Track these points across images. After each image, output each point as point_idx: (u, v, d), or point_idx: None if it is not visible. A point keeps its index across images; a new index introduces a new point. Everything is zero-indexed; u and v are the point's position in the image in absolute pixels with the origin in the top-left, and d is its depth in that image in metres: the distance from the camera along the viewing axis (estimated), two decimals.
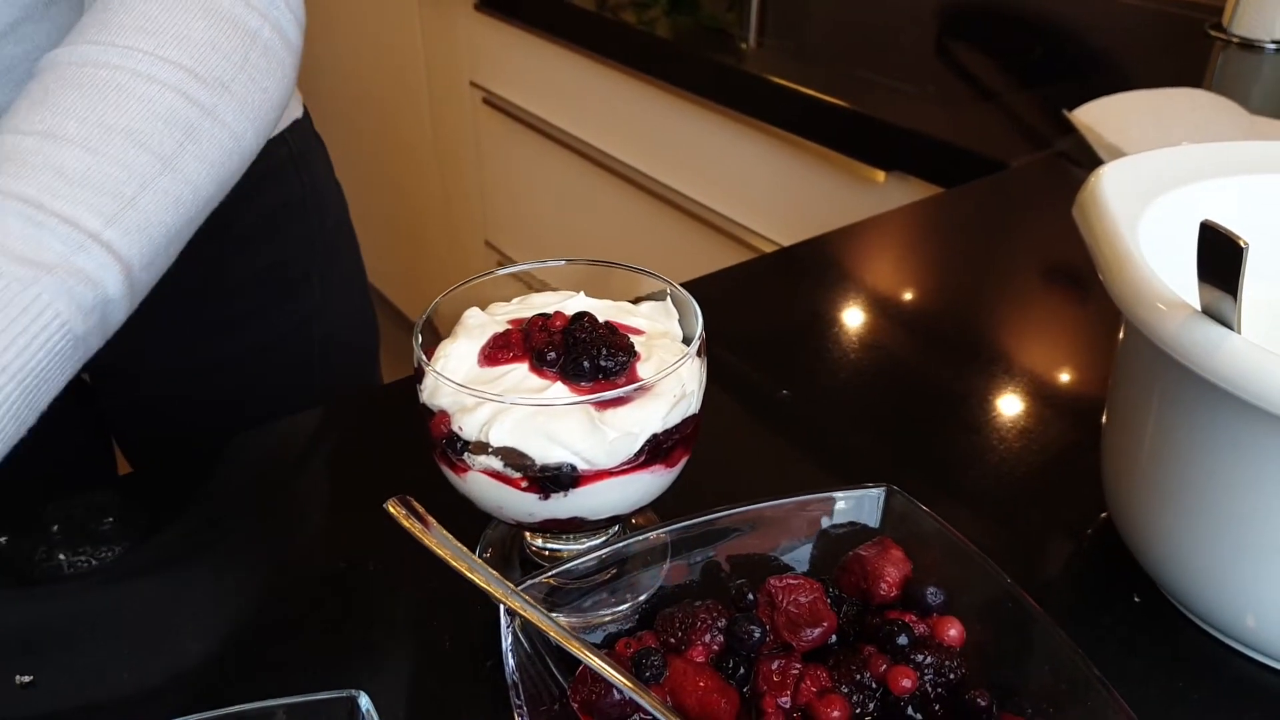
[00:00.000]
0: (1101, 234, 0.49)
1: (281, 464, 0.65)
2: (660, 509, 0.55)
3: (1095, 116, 1.02)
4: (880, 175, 1.15)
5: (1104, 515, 0.58)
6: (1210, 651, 0.51)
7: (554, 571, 0.45)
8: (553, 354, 0.47)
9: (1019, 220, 0.96)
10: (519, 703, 0.41)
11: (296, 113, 0.87)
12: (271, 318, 0.87)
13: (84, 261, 0.48)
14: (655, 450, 0.46)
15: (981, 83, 1.26)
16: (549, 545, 0.53)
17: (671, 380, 0.46)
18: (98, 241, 0.49)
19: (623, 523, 0.52)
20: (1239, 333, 0.42)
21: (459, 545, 0.45)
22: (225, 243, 0.75)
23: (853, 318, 0.79)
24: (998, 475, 0.62)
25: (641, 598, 0.49)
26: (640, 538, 0.48)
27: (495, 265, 2.04)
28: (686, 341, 0.51)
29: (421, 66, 2.00)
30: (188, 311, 0.81)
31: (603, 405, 0.45)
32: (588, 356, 0.46)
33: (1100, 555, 0.56)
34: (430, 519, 0.46)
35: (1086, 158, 1.01)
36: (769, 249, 1.32)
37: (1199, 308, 0.43)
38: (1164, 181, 0.54)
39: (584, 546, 0.53)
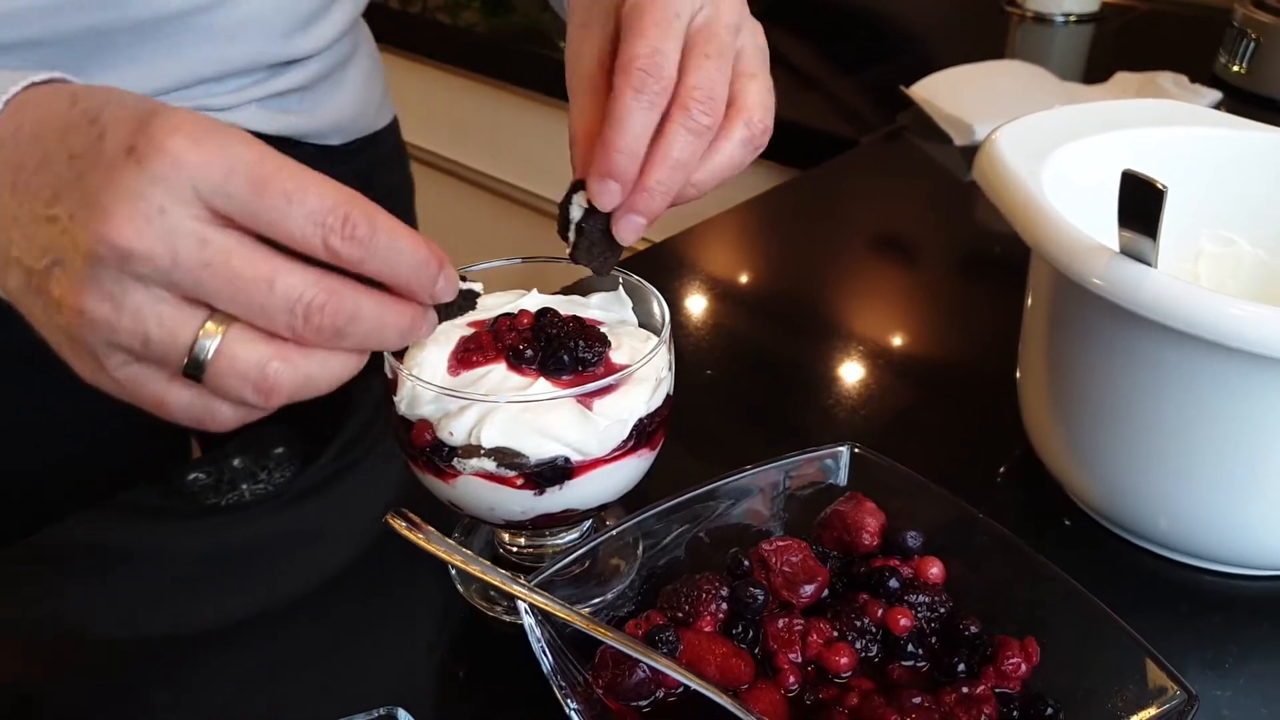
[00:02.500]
0: (1012, 192, 0.54)
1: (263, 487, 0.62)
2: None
3: (931, 91, 1.09)
4: None
5: (1002, 469, 0.63)
6: (1138, 559, 0.56)
7: (559, 566, 0.46)
8: (530, 351, 0.47)
9: (883, 192, 1.02)
10: (563, 685, 0.41)
11: None
12: None
13: None
14: (641, 434, 0.47)
15: (814, 66, 1.33)
16: (532, 543, 0.53)
17: (650, 365, 0.47)
18: None
19: (595, 516, 0.53)
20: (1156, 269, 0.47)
21: (466, 550, 0.45)
22: None
23: (753, 303, 0.82)
24: (909, 431, 0.66)
25: (622, 583, 0.50)
26: (629, 524, 0.49)
27: None
28: (643, 327, 0.52)
29: None
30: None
31: (590, 396, 0.46)
32: (565, 350, 0.47)
33: (1024, 491, 0.62)
34: (428, 527, 0.45)
35: (925, 129, 1.08)
36: (640, 245, 1.34)
37: (1117, 250, 0.48)
38: (1049, 141, 0.59)
39: (563, 542, 0.53)
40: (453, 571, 0.54)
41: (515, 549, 0.54)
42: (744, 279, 0.86)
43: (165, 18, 0.59)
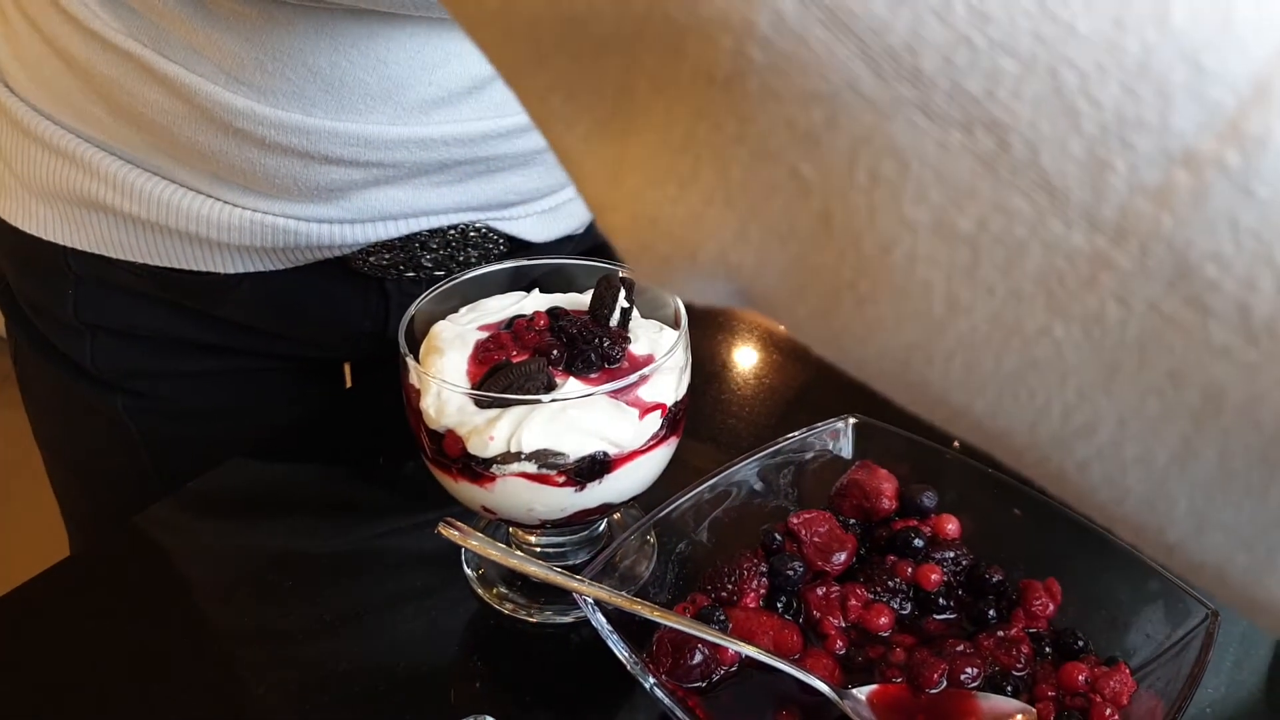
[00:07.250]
0: None
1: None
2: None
3: None
4: None
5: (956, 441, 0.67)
6: None
7: (606, 558, 0.47)
8: (556, 351, 0.47)
9: None
10: (636, 660, 0.42)
11: None
12: None
13: None
14: (672, 422, 0.49)
15: None
16: (554, 541, 0.54)
17: (674, 354, 0.48)
18: None
19: (624, 509, 0.54)
20: None
21: (518, 552, 0.45)
22: None
23: None
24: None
25: (648, 572, 0.51)
26: (665, 511, 0.50)
27: None
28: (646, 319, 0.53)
29: None
30: None
31: (624, 389, 0.47)
32: (591, 348, 0.47)
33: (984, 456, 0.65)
34: (477, 533, 0.45)
35: None
36: None
37: None
38: None
39: (578, 538, 0.54)
40: (469, 574, 0.54)
41: (539, 549, 0.54)
42: None
43: (505, 156, 0.60)
